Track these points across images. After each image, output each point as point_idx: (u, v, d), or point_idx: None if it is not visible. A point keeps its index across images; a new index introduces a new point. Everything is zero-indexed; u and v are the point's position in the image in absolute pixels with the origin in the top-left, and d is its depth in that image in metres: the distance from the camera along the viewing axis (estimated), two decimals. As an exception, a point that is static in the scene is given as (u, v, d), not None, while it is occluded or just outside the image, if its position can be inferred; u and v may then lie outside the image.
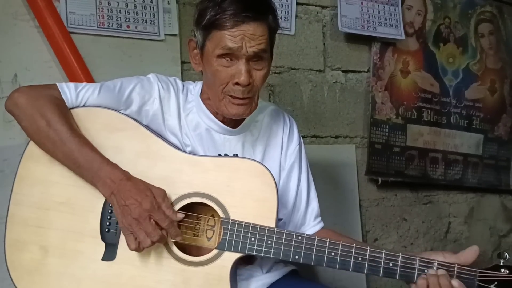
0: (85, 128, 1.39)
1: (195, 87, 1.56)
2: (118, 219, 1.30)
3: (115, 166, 1.33)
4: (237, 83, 1.37)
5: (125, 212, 1.28)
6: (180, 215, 1.32)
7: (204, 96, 1.51)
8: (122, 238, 1.34)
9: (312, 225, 1.57)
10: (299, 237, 1.34)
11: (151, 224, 1.28)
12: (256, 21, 1.35)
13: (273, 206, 1.35)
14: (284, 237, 1.33)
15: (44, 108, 1.33)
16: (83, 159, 1.32)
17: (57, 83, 1.41)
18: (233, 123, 1.51)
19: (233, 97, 1.40)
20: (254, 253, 1.34)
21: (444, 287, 1.28)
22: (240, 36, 1.34)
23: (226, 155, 1.49)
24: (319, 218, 1.59)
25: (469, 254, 1.33)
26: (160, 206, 1.29)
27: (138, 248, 1.30)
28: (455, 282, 1.29)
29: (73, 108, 1.40)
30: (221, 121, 1.50)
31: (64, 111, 1.36)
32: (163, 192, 1.32)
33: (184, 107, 1.52)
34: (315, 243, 1.33)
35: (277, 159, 1.56)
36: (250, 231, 1.33)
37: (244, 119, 1.53)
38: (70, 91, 1.40)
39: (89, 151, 1.33)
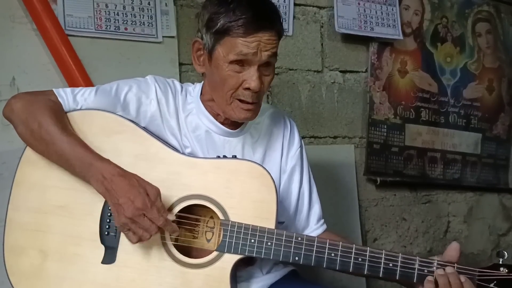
0: (82, 132, 1.38)
1: (194, 89, 1.56)
2: (114, 218, 1.29)
3: (107, 161, 1.31)
4: (248, 88, 1.38)
5: (119, 211, 1.26)
6: (171, 217, 1.30)
7: (205, 98, 1.51)
8: (122, 241, 1.34)
9: (314, 228, 1.57)
10: (299, 238, 1.33)
11: (146, 220, 1.26)
12: (270, 30, 1.36)
13: (273, 207, 1.35)
14: (284, 238, 1.33)
15: (37, 111, 1.33)
16: (75, 157, 1.30)
17: (53, 89, 1.42)
18: (233, 125, 1.51)
19: (242, 102, 1.40)
20: (254, 255, 1.34)
21: (454, 285, 1.27)
22: (256, 43, 1.34)
23: (225, 156, 1.49)
24: (322, 221, 1.59)
25: (451, 252, 1.33)
26: (153, 204, 1.27)
27: (141, 241, 1.29)
28: (463, 278, 1.28)
29: (69, 111, 1.40)
30: (221, 123, 1.50)
31: (57, 113, 1.36)
32: (157, 191, 1.29)
33: (183, 109, 1.51)
34: (315, 244, 1.33)
35: (277, 162, 1.56)
36: (250, 232, 1.33)
37: (245, 121, 1.53)
38: (67, 95, 1.41)
39: (80, 148, 1.31)
